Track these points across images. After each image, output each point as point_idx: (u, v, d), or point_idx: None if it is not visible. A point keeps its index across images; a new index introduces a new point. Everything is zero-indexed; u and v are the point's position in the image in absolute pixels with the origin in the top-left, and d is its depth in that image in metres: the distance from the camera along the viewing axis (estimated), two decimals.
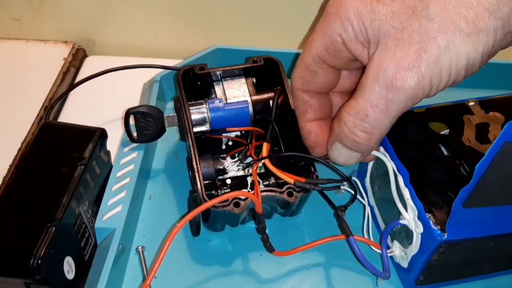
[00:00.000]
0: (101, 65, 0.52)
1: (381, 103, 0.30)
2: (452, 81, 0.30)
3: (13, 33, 0.64)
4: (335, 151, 0.35)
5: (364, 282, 0.40)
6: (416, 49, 0.29)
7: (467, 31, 0.28)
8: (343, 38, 0.32)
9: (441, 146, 0.40)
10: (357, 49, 0.32)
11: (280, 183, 0.40)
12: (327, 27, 0.33)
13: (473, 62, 0.29)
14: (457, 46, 0.29)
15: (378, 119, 0.31)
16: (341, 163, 0.36)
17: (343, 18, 0.32)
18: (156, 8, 0.61)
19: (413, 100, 0.30)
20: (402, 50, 0.29)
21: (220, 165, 0.42)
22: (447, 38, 0.29)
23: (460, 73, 0.30)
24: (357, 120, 0.32)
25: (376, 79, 0.30)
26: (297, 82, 0.37)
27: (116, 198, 0.40)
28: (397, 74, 0.29)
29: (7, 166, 0.50)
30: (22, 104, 0.56)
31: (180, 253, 0.41)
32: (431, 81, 0.29)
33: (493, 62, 0.54)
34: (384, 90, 0.30)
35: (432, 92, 0.30)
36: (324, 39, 0.33)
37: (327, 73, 0.36)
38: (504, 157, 0.29)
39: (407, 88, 0.29)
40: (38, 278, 0.33)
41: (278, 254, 0.39)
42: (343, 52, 0.33)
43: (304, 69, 0.36)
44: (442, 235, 0.34)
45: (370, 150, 0.34)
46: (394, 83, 0.30)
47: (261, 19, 0.61)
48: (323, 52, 0.34)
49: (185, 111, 0.42)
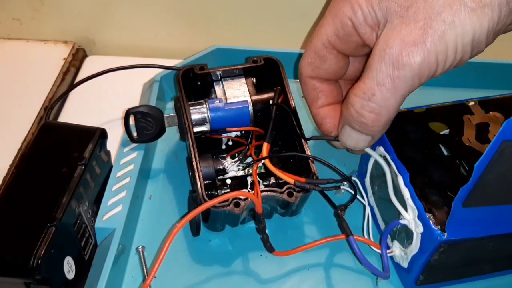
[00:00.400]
0: (101, 65, 0.52)
1: (387, 81, 0.30)
2: (459, 59, 0.30)
3: (13, 33, 0.64)
4: (344, 134, 0.35)
5: (364, 282, 0.40)
6: (422, 25, 0.29)
7: (472, 6, 0.28)
8: (353, 22, 0.33)
9: (441, 146, 0.40)
10: (366, 33, 0.33)
11: (280, 183, 0.40)
12: (337, 11, 0.33)
13: (479, 38, 0.29)
14: (462, 21, 0.29)
15: (385, 98, 0.31)
16: (352, 146, 0.36)
17: (353, 2, 0.32)
18: (156, 8, 0.61)
19: (420, 78, 0.30)
20: (407, 27, 0.30)
21: (220, 165, 0.42)
22: (452, 13, 0.29)
23: (466, 49, 0.30)
24: (364, 101, 0.32)
25: (382, 58, 0.30)
26: (306, 69, 0.37)
27: (116, 198, 0.40)
28: (402, 50, 0.29)
29: (7, 166, 0.50)
30: (22, 104, 0.56)
31: (180, 253, 0.41)
32: (437, 57, 0.29)
33: (493, 62, 0.55)
34: (390, 67, 0.30)
35: (438, 70, 0.30)
36: (334, 24, 0.34)
37: (336, 59, 0.36)
38: (503, 155, 0.29)
39: (413, 64, 0.29)
40: (38, 278, 0.33)
41: (278, 254, 0.39)
42: (353, 36, 0.33)
43: (314, 55, 0.36)
44: (442, 235, 0.34)
45: (380, 133, 0.34)
46: (400, 59, 0.30)
47: (261, 19, 0.61)
48: (333, 37, 0.34)
49: (185, 111, 0.42)
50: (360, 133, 0.34)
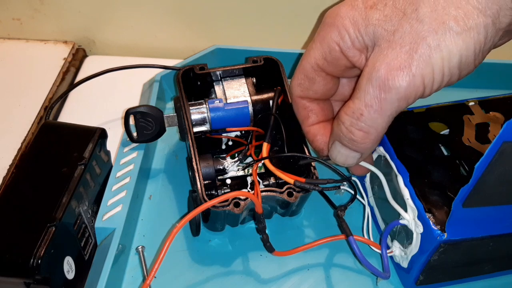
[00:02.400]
0: (101, 65, 0.52)
1: (375, 102, 0.31)
2: (447, 81, 0.31)
3: (13, 33, 0.64)
4: (334, 150, 0.36)
5: (364, 282, 0.40)
6: (407, 50, 0.30)
7: (457, 30, 0.29)
8: (341, 46, 0.33)
9: (441, 146, 0.40)
10: (355, 56, 0.33)
11: (280, 183, 0.40)
12: (325, 36, 0.34)
13: (466, 60, 0.30)
14: (448, 44, 0.29)
15: (373, 118, 0.32)
16: (341, 163, 0.36)
17: (340, 27, 0.33)
18: (156, 8, 0.61)
19: (407, 100, 0.31)
20: (393, 51, 0.30)
21: (220, 165, 0.42)
22: (437, 38, 0.29)
23: (453, 71, 0.30)
24: (353, 120, 0.33)
25: (370, 80, 0.31)
26: (296, 89, 0.38)
27: (116, 198, 0.40)
28: (388, 74, 0.30)
29: (7, 166, 0.50)
30: (22, 104, 0.56)
31: (180, 253, 0.41)
32: (423, 80, 0.30)
33: (493, 62, 0.55)
34: (377, 90, 0.31)
35: (426, 92, 0.31)
36: (322, 48, 0.34)
37: (325, 81, 0.37)
38: (503, 156, 0.29)
39: (398, 88, 0.30)
40: (38, 278, 0.33)
41: (278, 254, 0.39)
42: (341, 60, 0.34)
43: (303, 77, 0.37)
44: (442, 235, 0.34)
45: (369, 150, 0.35)
46: (386, 83, 0.30)
47: (261, 19, 0.61)
48: (322, 61, 0.35)
49: (185, 111, 0.42)
50: (350, 150, 0.35)
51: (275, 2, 0.59)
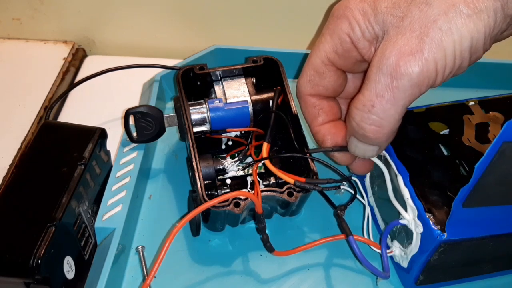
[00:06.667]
0: (101, 64, 0.52)
1: (386, 92, 0.30)
2: (458, 66, 0.30)
3: (13, 32, 0.64)
4: (352, 145, 0.36)
5: (364, 282, 0.40)
6: (418, 35, 0.29)
7: (468, 12, 0.28)
8: (351, 37, 0.33)
9: (441, 146, 0.40)
10: (365, 47, 0.33)
11: (280, 183, 0.40)
12: (335, 28, 0.34)
13: (477, 43, 0.29)
14: (459, 27, 0.28)
15: (385, 109, 0.31)
16: (361, 155, 0.36)
17: (350, 18, 0.32)
18: (156, 8, 0.61)
19: (419, 88, 0.30)
20: (403, 37, 0.30)
21: (220, 165, 0.42)
22: (448, 20, 0.29)
23: (464, 55, 0.29)
24: (364, 113, 0.32)
25: (380, 69, 0.30)
26: (305, 87, 0.37)
27: (116, 198, 0.40)
28: (400, 60, 0.29)
29: (7, 166, 0.50)
30: (22, 104, 0.56)
31: (180, 253, 0.41)
32: (436, 65, 0.29)
33: (493, 62, 0.55)
34: (388, 78, 0.30)
35: (438, 79, 0.30)
36: (332, 41, 0.34)
37: (336, 75, 0.36)
38: (503, 156, 0.29)
39: (411, 74, 0.29)
40: (38, 278, 0.33)
41: (278, 254, 0.39)
42: (351, 52, 0.34)
43: (313, 73, 0.36)
44: (442, 235, 0.34)
45: (386, 143, 0.34)
46: (398, 69, 0.29)
47: (261, 19, 0.61)
48: (332, 54, 0.35)
49: (185, 111, 0.42)
50: (366, 144, 0.34)
51: (275, 2, 0.59)
